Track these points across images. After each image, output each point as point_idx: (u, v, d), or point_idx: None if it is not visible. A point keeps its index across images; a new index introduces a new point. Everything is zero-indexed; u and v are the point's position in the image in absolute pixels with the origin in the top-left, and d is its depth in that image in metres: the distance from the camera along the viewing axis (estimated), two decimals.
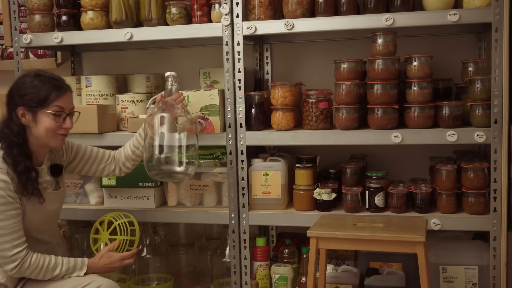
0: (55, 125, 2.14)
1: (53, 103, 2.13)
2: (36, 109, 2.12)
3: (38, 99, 2.11)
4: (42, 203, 2.19)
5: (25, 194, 2.13)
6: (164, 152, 2.38)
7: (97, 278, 2.18)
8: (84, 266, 2.21)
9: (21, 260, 2.09)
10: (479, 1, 2.34)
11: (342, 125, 2.53)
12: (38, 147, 2.19)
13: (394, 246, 2.15)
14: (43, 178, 2.22)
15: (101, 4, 2.80)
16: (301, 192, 2.64)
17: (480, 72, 2.51)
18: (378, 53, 2.49)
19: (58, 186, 2.32)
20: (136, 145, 2.49)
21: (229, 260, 2.77)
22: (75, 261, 2.20)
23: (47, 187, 2.24)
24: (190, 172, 2.45)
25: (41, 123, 2.13)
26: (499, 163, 2.34)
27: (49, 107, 2.12)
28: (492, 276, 2.38)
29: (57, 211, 2.32)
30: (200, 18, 2.67)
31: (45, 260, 2.14)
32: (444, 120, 2.44)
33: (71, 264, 2.19)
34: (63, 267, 2.17)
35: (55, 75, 2.21)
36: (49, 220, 2.28)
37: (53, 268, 2.15)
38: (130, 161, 2.51)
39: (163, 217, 2.79)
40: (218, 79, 2.96)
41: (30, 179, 2.13)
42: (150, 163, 2.40)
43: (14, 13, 2.88)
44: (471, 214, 2.44)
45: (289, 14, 2.55)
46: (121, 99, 2.88)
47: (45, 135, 2.14)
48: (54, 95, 2.12)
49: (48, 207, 2.23)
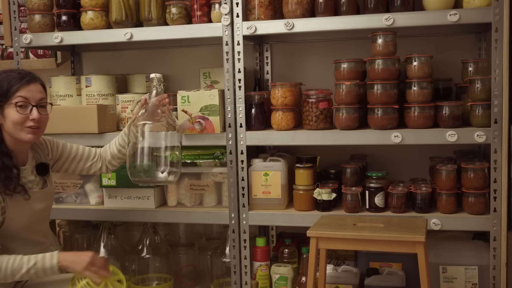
0: (21, 117, 2.08)
1: (15, 94, 2.07)
2: (2, 104, 2.07)
3: (1, 92, 2.07)
4: (28, 199, 2.14)
5: (7, 192, 2.07)
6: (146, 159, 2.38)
7: None
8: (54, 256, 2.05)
9: None
10: (479, 1, 2.34)
11: (342, 125, 2.53)
12: (15, 145, 2.14)
13: (394, 246, 2.15)
14: (27, 178, 2.18)
15: (101, 4, 2.79)
16: (301, 192, 2.64)
17: (480, 72, 2.51)
18: (378, 53, 2.49)
19: (45, 185, 2.27)
20: (122, 144, 2.47)
21: (229, 260, 2.77)
22: (43, 254, 2.06)
23: (33, 186, 2.19)
24: (172, 179, 2.47)
25: (8, 117, 2.08)
26: (499, 163, 2.34)
27: (11, 98, 2.07)
28: (492, 276, 2.38)
29: (46, 210, 2.26)
30: (200, 18, 2.67)
31: (9, 260, 2.02)
32: (444, 120, 2.44)
33: (39, 257, 2.05)
34: (30, 262, 2.03)
35: (25, 70, 2.16)
36: (38, 219, 2.22)
37: (19, 267, 2.01)
38: (116, 159, 2.50)
39: (163, 217, 2.78)
40: (218, 79, 2.96)
41: (10, 176, 2.08)
42: (133, 169, 2.39)
43: (14, 13, 2.88)
44: (471, 214, 2.44)
45: (289, 14, 2.55)
46: (121, 99, 2.88)
47: (13, 130, 2.09)
48: (16, 86, 2.07)
49: (34, 206, 2.18)
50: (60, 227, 3.25)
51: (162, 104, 2.45)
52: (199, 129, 2.63)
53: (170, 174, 2.44)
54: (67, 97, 2.94)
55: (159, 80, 2.50)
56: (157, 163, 2.40)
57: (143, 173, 2.39)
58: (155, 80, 2.49)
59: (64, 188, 2.89)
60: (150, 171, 2.40)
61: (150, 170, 2.39)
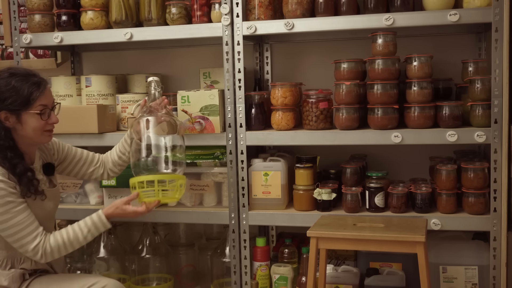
0: (42, 124, 2.12)
1: (36, 103, 2.09)
2: (19, 111, 2.07)
3: (21, 101, 2.06)
4: (44, 199, 2.18)
5: (29, 195, 2.11)
6: (151, 155, 2.36)
7: (101, 278, 2.18)
8: (102, 220, 2.21)
9: (42, 248, 2.09)
10: (479, 1, 2.34)
11: (342, 125, 2.53)
12: (27, 147, 2.17)
13: (394, 246, 2.15)
14: (37, 177, 2.20)
15: (101, 4, 2.80)
16: (301, 192, 2.64)
17: (480, 72, 2.51)
18: (378, 53, 2.49)
19: (52, 184, 2.31)
20: (122, 151, 2.49)
21: (229, 260, 2.77)
22: (92, 220, 2.19)
23: (42, 185, 2.22)
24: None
25: (27, 124, 2.10)
26: (499, 163, 2.34)
27: (32, 107, 2.08)
28: (492, 276, 2.38)
29: (54, 209, 2.31)
30: (200, 18, 2.67)
31: (63, 235, 2.15)
32: (444, 120, 2.44)
33: (89, 223, 2.18)
34: (84, 231, 2.17)
35: (29, 70, 2.15)
36: (47, 217, 2.26)
37: (76, 238, 2.15)
38: (117, 166, 2.51)
39: (163, 217, 2.78)
40: (218, 79, 2.96)
41: (30, 179, 2.11)
42: (137, 168, 2.38)
43: (14, 13, 2.88)
44: (471, 214, 2.44)
45: (289, 14, 2.55)
46: (121, 99, 2.88)
47: (33, 135, 2.12)
48: (35, 94, 2.07)
49: (46, 204, 2.22)
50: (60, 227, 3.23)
51: (162, 105, 2.44)
52: (199, 129, 2.63)
53: (175, 168, 2.42)
54: (67, 97, 2.94)
55: (157, 83, 2.48)
56: (161, 161, 2.40)
57: (146, 171, 2.39)
58: (153, 83, 2.48)
59: (64, 188, 2.89)
60: (154, 167, 2.39)
61: (155, 166, 2.39)
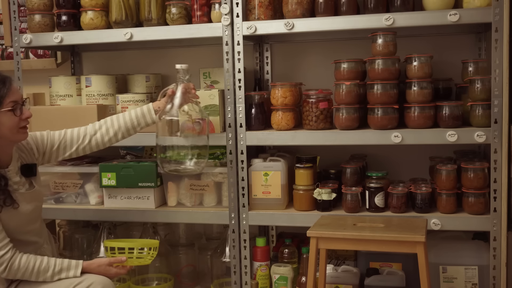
0: (16, 120, 2.04)
1: (6, 100, 2.02)
2: None
3: None
4: (17, 208, 2.09)
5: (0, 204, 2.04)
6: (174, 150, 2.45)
7: (88, 276, 2.11)
8: (79, 266, 2.12)
9: (8, 262, 2.03)
10: (479, 1, 2.34)
11: (342, 125, 2.53)
12: (2, 149, 2.09)
13: (394, 246, 2.15)
14: (12, 180, 2.12)
15: (101, 4, 2.80)
16: (301, 192, 2.64)
17: (480, 72, 2.51)
18: (378, 53, 2.49)
19: (32, 186, 2.21)
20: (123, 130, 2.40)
21: (229, 260, 2.77)
22: (69, 262, 2.12)
23: (18, 188, 2.14)
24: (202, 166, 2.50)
25: (1, 124, 2.03)
26: (499, 163, 2.34)
27: (3, 105, 2.02)
28: (492, 276, 2.38)
29: (35, 211, 2.19)
30: (200, 18, 2.67)
31: (36, 261, 2.08)
32: (444, 120, 2.44)
33: (65, 264, 2.11)
34: (56, 267, 2.09)
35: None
36: (28, 220, 2.17)
37: (45, 270, 2.08)
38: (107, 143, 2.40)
39: (163, 217, 2.78)
40: (218, 79, 2.96)
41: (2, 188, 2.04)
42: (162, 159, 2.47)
43: (14, 13, 2.88)
44: (471, 214, 2.44)
45: (289, 14, 2.55)
46: (121, 99, 2.88)
47: (9, 134, 2.05)
48: (3, 91, 2.01)
49: (22, 208, 2.11)
50: (60, 227, 3.25)
51: (188, 91, 2.42)
52: (199, 129, 2.63)
53: (196, 164, 2.48)
54: (67, 97, 2.94)
55: (185, 71, 2.47)
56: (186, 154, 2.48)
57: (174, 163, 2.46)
58: (180, 72, 2.46)
59: (64, 188, 2.89)
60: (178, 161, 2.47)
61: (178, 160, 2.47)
